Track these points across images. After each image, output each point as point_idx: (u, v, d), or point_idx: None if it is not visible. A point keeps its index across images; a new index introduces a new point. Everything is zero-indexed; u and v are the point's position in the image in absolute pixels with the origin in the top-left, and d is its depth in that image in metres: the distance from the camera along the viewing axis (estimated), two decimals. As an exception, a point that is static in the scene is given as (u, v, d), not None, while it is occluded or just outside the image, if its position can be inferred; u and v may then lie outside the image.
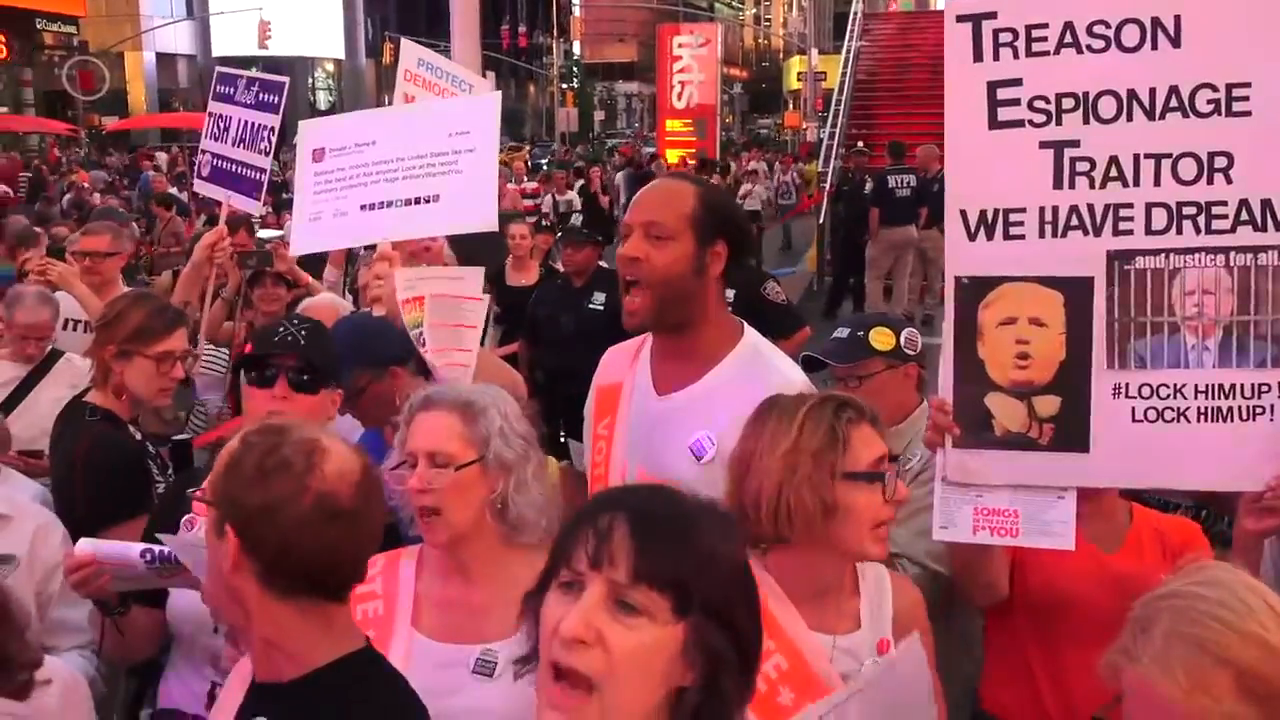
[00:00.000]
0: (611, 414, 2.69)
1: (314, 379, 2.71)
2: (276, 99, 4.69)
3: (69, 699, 2.16)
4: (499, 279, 7.49)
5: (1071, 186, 2.35)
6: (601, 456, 2.68)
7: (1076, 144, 2.35)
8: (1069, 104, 2.34)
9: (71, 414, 3.43)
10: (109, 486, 3.18)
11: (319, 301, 4.90)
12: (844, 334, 3.30)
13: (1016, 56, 2.36)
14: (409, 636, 2.23)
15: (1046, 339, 2.38)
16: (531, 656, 1.42)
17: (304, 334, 2.75)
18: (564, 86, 64.53)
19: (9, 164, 25.51)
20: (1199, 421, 2.32)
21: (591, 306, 6.54)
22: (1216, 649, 1.50)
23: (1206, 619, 1.52)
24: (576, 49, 76.15)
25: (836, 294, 14.38)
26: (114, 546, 2.40)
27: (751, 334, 2.66)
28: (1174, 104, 2.29)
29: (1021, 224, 2.38)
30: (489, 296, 3.02)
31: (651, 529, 1.37)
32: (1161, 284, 2.32)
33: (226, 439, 1.79)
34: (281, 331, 2.78)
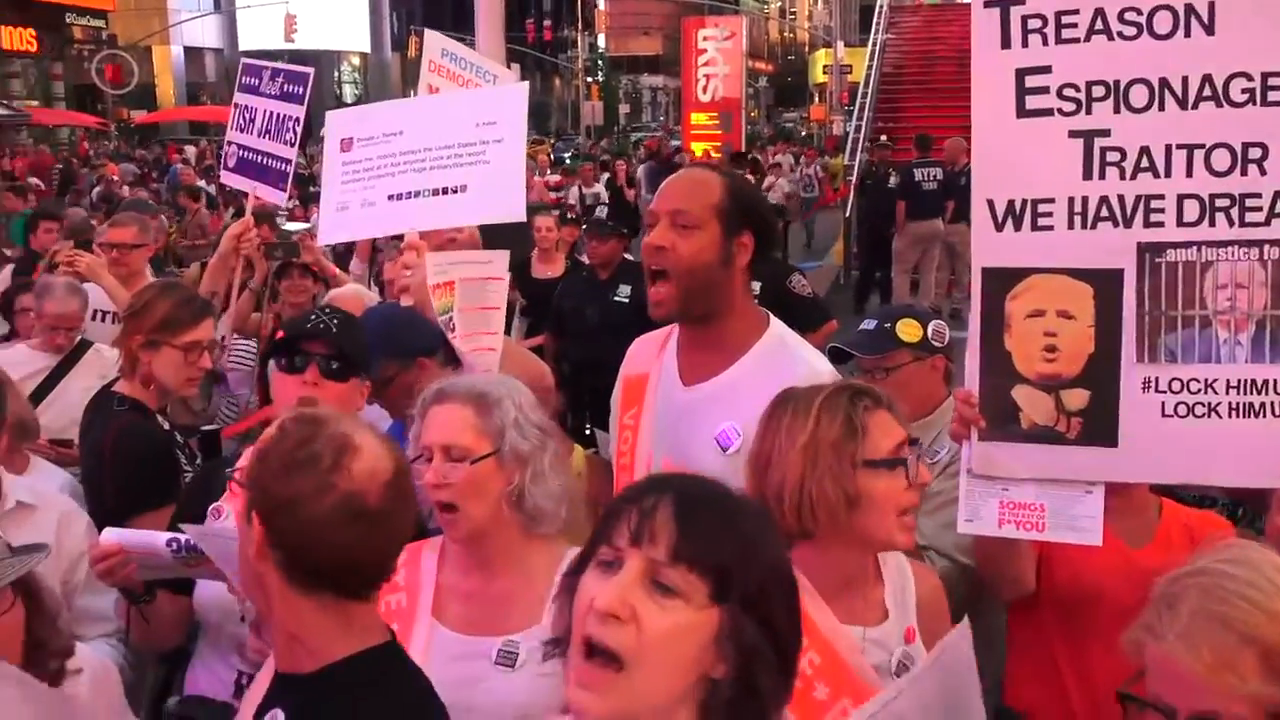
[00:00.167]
0: (638, 404, 2.69)
1: (344, 367, 2.71)
2: (301, 90, 4.69)
3: (100, 686, 2.17)
4: (524, 271, 7.50)
5: (1101, 177, 2.31)
6: (627, 446, 2.68)
7: (1107, 133, 2.31)
8: (1099, 92, 2.30)
9: (100, 404, 3.46)
10: (137, 475, 3.19)
11: (344, 292, 4.91)
12: (870, 326, 3.29)
13: (1046, 43, 2.32)
14: (431, 628, 2.23)
15: (1075, 331, 2.35)
16: (563, 639, 1.41)
17: (335, 323, 2.76)
18: (589, 80, 64.50)
19: (40, 157, 25.78)
20: (1230, 417, 2.29)
21: (616, 299, 6.54)
22: (1243, 627, 1.49)
23: (1234, 597, 1.51)
24: (601, 42, 76.10)
25: (863, 288, 14.30)
26: (140, 535, 2.42)
27: (777, 325, 2.65)
28: (1207, 93, 2.24)
29: (1050, 214, 2.34)
30: (510, 275, 3.03)
31: (695, 511, 1.37)
32: (1193, 277, 2.29)
33: (254, 429, 1.79)
34: (314, 319, 2.80)
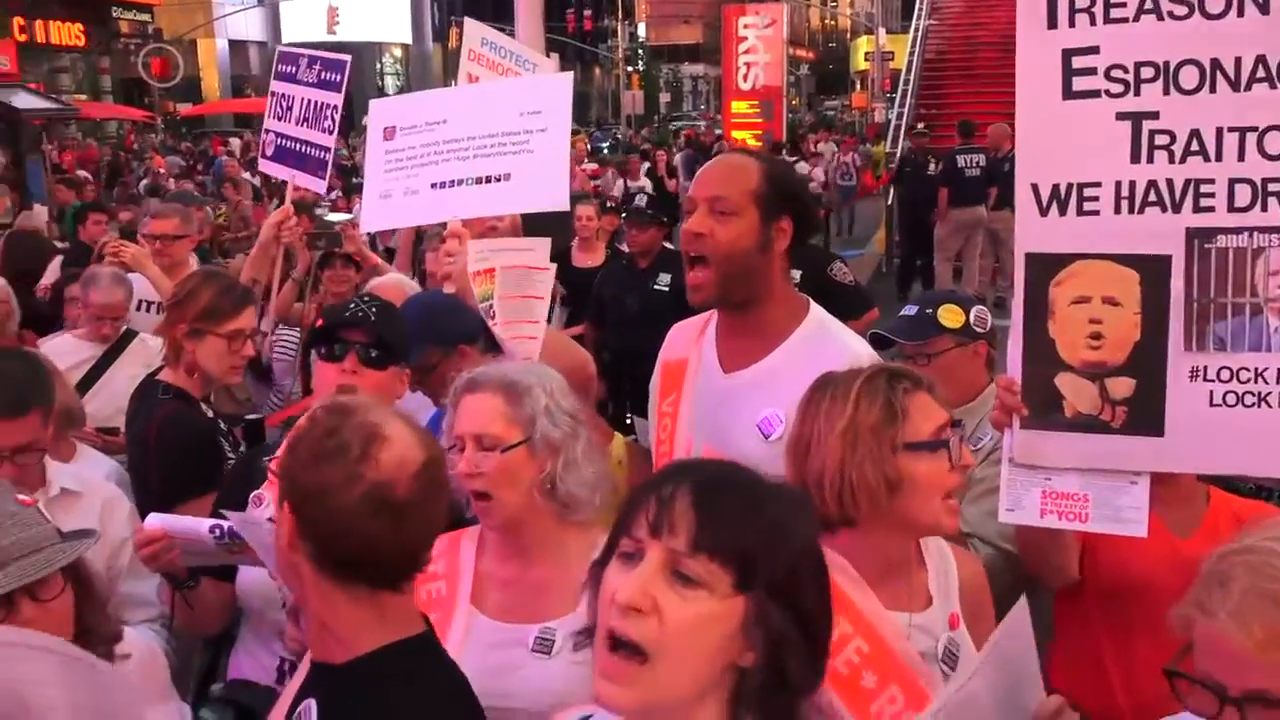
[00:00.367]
0: (677, 390, 2.67)
1: (383, 355, 2.72)
2: (339, 77, 4.68)
3: (147, 670, 2.19)
4: (565, 260, 7.51)
5: (1150, 160, 2.26)
6: (666, 433, 2.67)
7: (1156, 116, 2.25)
8: (1148, 73, 2.25)
9: (145, 392, 3.49)
10: (181, 463, 3.23)
11: (386, 281, 4.93)
12: (912, 311, 3.27)
13: (1093, 23, 2.27)
14: (470, 616, 2.24)
15: (1121, 319, 2.29)
16: (592, 628, 1.40)
17: (374, 311, 2.77)
18: (629, 69, 64.38)
19: (88, 151, 26.19)
20: None
21: (656, 287, 6.53)
22: None
23: None
24: (641, 31, 75.94)
25: (905, 275, 14.18)
26: (183, 522, 2.45)
27: (818, 310, 2.63)
28: (1261, 75, 2.18)
29: (1096, 199, 2.29)
30: (554, 266, 3.03)
31: (715, 499, 1.35)
32: (1244, 263, 2.23)
33: (297, 417, 1.79)
34: (353, 308, 2.81)
